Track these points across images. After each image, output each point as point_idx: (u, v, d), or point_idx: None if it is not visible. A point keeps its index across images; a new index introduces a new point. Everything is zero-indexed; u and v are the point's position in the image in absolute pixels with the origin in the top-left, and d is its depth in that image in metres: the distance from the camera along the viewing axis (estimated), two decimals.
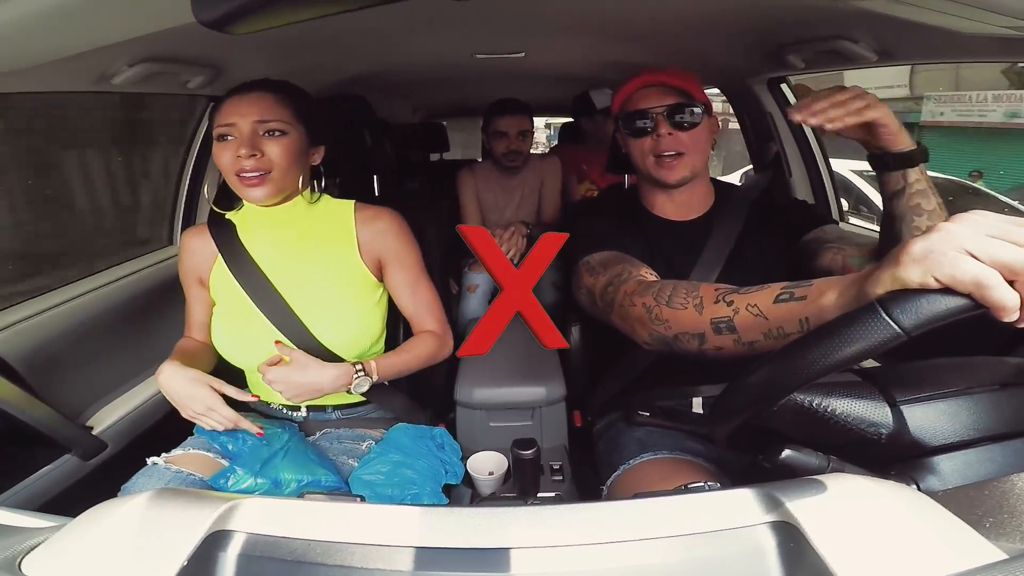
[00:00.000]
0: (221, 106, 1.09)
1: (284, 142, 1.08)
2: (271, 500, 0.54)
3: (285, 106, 1.09)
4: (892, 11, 0.91)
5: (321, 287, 1.16)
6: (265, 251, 1.17)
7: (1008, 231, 0.46)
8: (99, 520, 0.50)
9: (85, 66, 1.10)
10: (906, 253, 0.49)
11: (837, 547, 0.42)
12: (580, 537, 0.46)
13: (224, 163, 1.08)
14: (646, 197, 1.26)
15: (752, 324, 0.70)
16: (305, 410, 1.23)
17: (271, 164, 1.07)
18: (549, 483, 1.19)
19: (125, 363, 1.50)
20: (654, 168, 1.15)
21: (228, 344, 1.17)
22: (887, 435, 0.60)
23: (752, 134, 2.09)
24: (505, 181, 2.45)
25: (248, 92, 1.09)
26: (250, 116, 1.06)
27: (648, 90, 1.14)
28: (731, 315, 0.73)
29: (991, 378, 0.64)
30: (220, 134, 1.08)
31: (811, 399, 0.60)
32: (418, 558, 0.44)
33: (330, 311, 1.15)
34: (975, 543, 0.43)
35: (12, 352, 1.17)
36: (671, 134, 1.12)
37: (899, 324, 0.47)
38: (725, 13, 1.30)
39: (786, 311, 0.66)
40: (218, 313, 1.19)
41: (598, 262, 1.07)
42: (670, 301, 0.82)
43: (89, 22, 0.83)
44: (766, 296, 0.69)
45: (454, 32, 1.52)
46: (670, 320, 0.82)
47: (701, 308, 0.77)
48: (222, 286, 1.18)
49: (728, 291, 0.75)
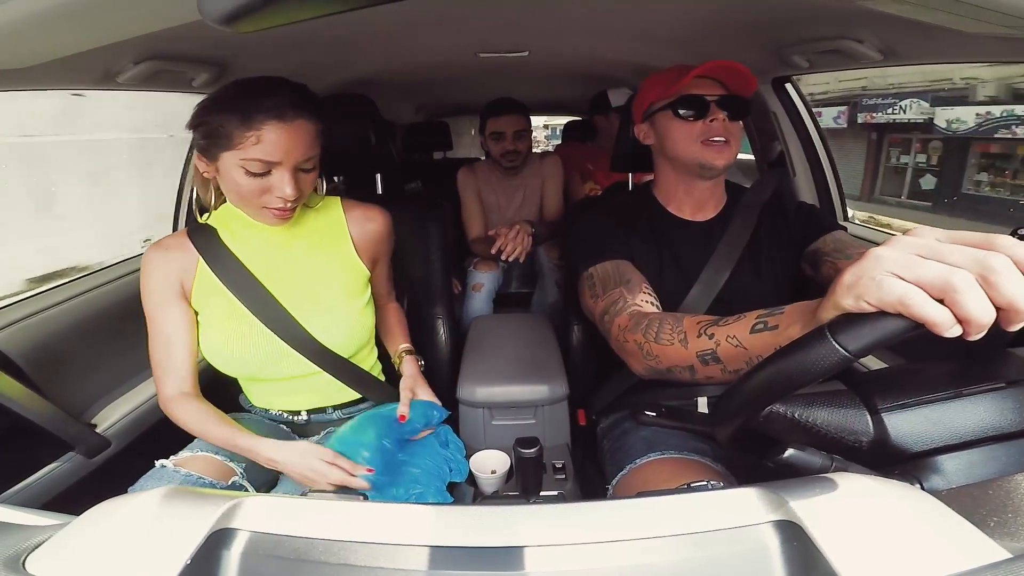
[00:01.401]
0: (250, 131, 0.94)
1: (314, 174, 1.05)
2: (274, 498, 0.54)
3: (319, 135, 1.02)
4: (897, 11, 0.91)
5: (315, 286, 1.15)
6: (252, 253, 1.13)
7: (936, 250, 0.48)
8: (103, 518, 0.50)
9: (90, 64, 1.10)
10: (840, 282, 0.53)
11: (841, 546, 0.42)
12: (583, 535, 0.46)
13: (249, 192, 0.99)
14: (664, 193, 1.26)
15: (734, 354, 0.75)
16: (306, 414, 1.23)
17: (300, 196, 1.02)
18: (552, 482, 1.19)
19: (129, 360, 1.50)
20: (700, 152, 1.15)
21: (221, 354, 1.11)
22: (867, 443, 0.61)
23: (756, 134, 2.09)
24: (506, 181, 2.44)
25: (292, 121, 0.96)
26: (295, 156, 0.97)
27: (700, 80, 1.15)
28: (714, 347, 0.78)
29: (991, 378, 0.63)
30: (258, 171, 0.96)
31: (793, 410, 0.61)
32: (421, 556, 0.44)
33: (327, 310, 1.14)
34: (979, 542, 0.43)
35: (16, 349, 1.17)
36: (724, 120, 1.14)
37: (845, 348, 0.49)
38: (729, 12, 1.30)
39: (762, 341, 0.71)
40: (205, 323, 1.12)
41: (600, 279, 1.10)
42: (658, 337, 0.87)
43: (95, 20, 0.83)
44: (743, 327, 0.74)
45: (458, 31, 1.52)
46: (660, 356, 0.87)
47: (686, 343, 0.82)
48: (208, 294, 1.11)
49: (709, 323, 0.80)
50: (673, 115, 1.16)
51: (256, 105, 0.93)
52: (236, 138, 0.94)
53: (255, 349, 1.10)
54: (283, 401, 1.22)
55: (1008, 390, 0.61)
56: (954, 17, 0.87)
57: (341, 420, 1.25)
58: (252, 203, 1.01)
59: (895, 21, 1.02)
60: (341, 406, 1.25)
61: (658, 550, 0.44)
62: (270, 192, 0.99)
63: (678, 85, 1.15)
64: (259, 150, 0.94)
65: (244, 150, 0.94)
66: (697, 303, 1.16)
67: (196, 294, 1.11)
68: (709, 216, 1.25)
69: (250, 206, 1.03)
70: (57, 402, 1.20)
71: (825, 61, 1.46)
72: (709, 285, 1.16)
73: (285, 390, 1.20)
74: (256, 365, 1.12)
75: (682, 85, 1.15)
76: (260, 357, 1.10)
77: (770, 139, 2.00)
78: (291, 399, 1.22)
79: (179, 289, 1.10)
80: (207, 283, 1.11)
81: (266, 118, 0.93)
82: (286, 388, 1.19)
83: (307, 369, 1.15)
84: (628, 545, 0.44)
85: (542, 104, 3.50)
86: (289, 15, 0.48)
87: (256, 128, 0.93)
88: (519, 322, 1.54)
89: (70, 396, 1.30)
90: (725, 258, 1.18)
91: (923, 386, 0.63)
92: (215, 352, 1.11)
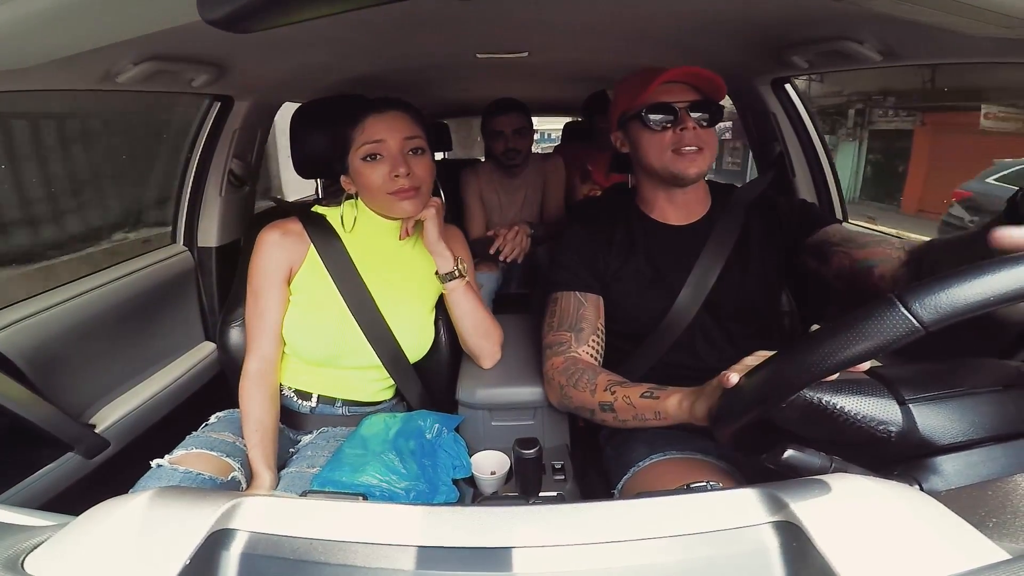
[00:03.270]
0: (356, 126, 1.15)
1: (427, 160, 1.18)
2: (273, 499, 0.54)
3: (419, 123, 1.18)
4: (896, 11, 0.91)
5: (405, 297, 1.25)
6: (362, 255, 1.23)
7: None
8: (102, 519, 0.50)
9: (90, 65, 1.10)
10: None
11: (840, 547, 0.42)
12: (582, 536, 0.46)
13: (375, 182, 1.14)
14: (646, 199, 1.25)
15: (624, 408, 1.00)
16: (316, 399, 1.25)
17: (420, 181, 1.15)
18: (551, 482, 1.19)
19: (128, 361, 1.51)
20: (672, 162, 1.13)
21: (305, 335, 1.19)
22: (896, 433, 0.60)
23: (756, 134, 2.09)
24: (508, 181, 2.45)
25: (386, 110, 1.16)
26: (398, 132, 1.14)
27: (670, 85, 1.13)
28: (612, 401, 1.02)
29: (993, 379, 0.63)
30: (370, 152, 1.14)
31: (820, 396, 0.60)
32: (420, 557, 0.44)
33: (411, 317, 1.25)
34: (978, 543, 0.43)
35: (15, 350, 1.17)
36: (695, 129, 1.11)
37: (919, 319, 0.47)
38: (729, 13, 1.29)
39: (647, 404, 0.96)
40: (299, 304, 1.20)
41: (560, 311, 1.19)
42: (576, 384, 1.08)
43: (95, 21, 0.83)
44: (636, 391, 0.99)
45: (457, 32, 1.52)
46: (573, 397, 1.09)
47: (594, 393, 1.05)
48: (312, 281, 1.20)
49: (615, 383, 1.03)
50: (642, 124, 1.14)
51: (357, 106, 1.18)
52: (350, 137, 1.16)
53: (337, 335, 1.19)
54: (306, 382, 1.26)
55: (1006, 393, 0.62)
56: (954, 17, 0.87)
57: (343, 418, 1.27)
58: (381, 192, 1.15)
59: (895, 21, 1.02)
60: (349, 403, 1.27)
61: (657, 551, 0.44)
62: (388, 175, 1.13)
63: (646, 93, 1.12)
64: (365, 136, 1.14)
65: (356, 142, 1.15)
66: (688, 305, 1.17)
67: (300, 278, 1.21)
68: (695, 219, 1.24)
69: (380, 197, 1.16)
70: (56, 403, 1.20)
71: (825, 61, 1.46)
72: (698, 287, 1.17)
73: (328, 376, 1.25)
74: (331, 349, 1.19)
75: (649, 92, 1.12)
76: (339, 343, 1.19)
77: (769, 140, 2.00)
78: (317, 382, 1.25)
79: (286, 273, 1.21)
80: (314, 270, 1.21)
81: (364, 114, 1.16)
82: (330, 374, 1.24)
83: (370, 362, 1.22)
84: (627, 546, 0.44)
85: (542, 104, 3.50)
86: (289, 16, 0.48)
87: (360, 123, 1.15)
88: (519, 323, 1.53)
89: (69, 397, 1.30)
90: (713, 259, 1.17)
91: (945, 381, 0.62)
92: (300, 333, 1.19)
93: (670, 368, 1.18)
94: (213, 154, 1.82)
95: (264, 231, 1.21)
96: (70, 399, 1.30)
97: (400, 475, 1.05)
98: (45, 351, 1.24)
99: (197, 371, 1.75)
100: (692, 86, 1.13)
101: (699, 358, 1.19)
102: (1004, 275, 0.45)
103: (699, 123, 1.12)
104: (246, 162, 1.92)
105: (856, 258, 1.06)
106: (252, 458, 1.10)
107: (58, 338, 1.28)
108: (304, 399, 1.26)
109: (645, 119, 1.13)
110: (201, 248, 1.87)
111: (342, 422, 1.26)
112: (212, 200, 1.87)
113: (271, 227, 1.21)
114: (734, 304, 1.18)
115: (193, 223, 1.86)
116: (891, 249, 1.02)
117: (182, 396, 1.67)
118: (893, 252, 1.01)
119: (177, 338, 1.76)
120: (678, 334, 1.17)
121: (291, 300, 1.21)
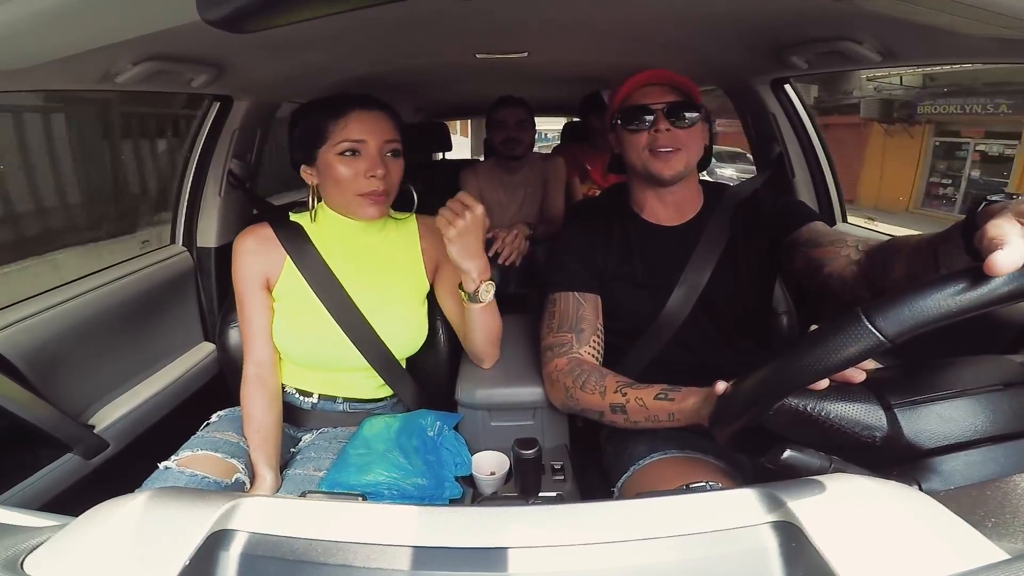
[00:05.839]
0: (339, 120, 1.12)
1: (401, 163, 1.17)
2: (273, 500, 0.54)
3: (398, 126, 1.17)
4: (896, 12, 0.91)
5: (389, 296, 1.23)
6: (338, 258, 1.21)
7: None
8: (101, 519, 0.50)
9: (89, 65, 1.10)
10: None
11: (839, 547, 0.42)
12: (581, 537, 0.46)
13: (346, 178, 1.12)
14: (636, 199, 1.27)
15: (637, 410, 0.99)
16: (317, 397, 1.26)
17: (391, 185, 1.15)
18: (551, 483, 1.19)
19: (127, 362, 1.50)
20: (649, 162, 1.16)
21: (292, 342, 1.19)
22: (881, 438, 0.61)
23: (755, 135, 2.08)
24: (508, 180, 2.45)
25: (371, 109, 1.14)
26: (380, 135, 1.12)
27: (649, 88, 1.16)
28: (624, 403, 1.01)
29: (992, 378, 0.63)
30: (348, 148, 1.11)
31: (806, 403, 0.61)
32: (420, 557, 0.44)
33: (395, 317, 1.23)
34: (977, 543, 0.43)
35: (14, 350, 1.17)
36: (669, 130, 1.14)
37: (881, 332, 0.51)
38: (728, 14, 1.30)
39: (661, 406, 0.96)
40: (282, 312, 1.20)
41: (559, 312, 1.19)
42: (583, 386, 1.07)
43: (94, 21, 0.83)
44: (649, 393, 0.98)
45: (456, 32, 1.52)
46: (580, 399, 1.08)
47: (604, 395, 1.04)
48: (291, 289, 1.19)
49: (624, 385, 1.02)
50: (622, 126, 1.18)
51: (343, 101, 1.14)
52: (329, 130, 1.12)
53: (323, 342, 1.18)
54: (306, 382, 1.26)
55: (1005, 392, 0.62)
56: (953, 18, 0.87)
57: (345, 414, 1.27)
58: (349, 191, 1.13)
59: (894, 22, 1.02)
60: (351, 400, 1.27)
61: (656, 551, 0.44)
62: (363, 174, 1.11)
63: (626, 95, 1.16)
64: (347, 133, 1.11)
65: (335, 136, 1.11)
66: (681, 304, 1.18)
67: (280, 286, 1.20)
68: (687, 219, 1.25)
69: (347, 196, 1.14)
70: (55, 403, 1.20)
71: (824, 62, 1.46)
72: (691, 287, 1.18)
73: (324, 377, 1.25)
74: (319, 356, 1.20)
75: (629, 95, 1.16)
76: (326, 350, 1.18)
77: (769, 140, 2.00)
78: (315, 382, 1.25)
79: (263, 280, 1.20)
80: (291, 279, 1.20)
81: (350, 109, 1.12)
82: (326, 376, 1.25)
83: (359, 364, 1.21)
84: (627, 546, 0.45)
85: (541, 105, 3.51)
86: (288, 16, 0.48)
87: (344, 116, 1.11)
88: (517, 323, 1.53)
89: (68, 397, 1.30)
90: (705, 259, 1.19)
91: (934, 384, 0.63)
92: (289, 341, 1.19)
93: (666, 364, 1.20)
94: (212, 154, 1.82)
95: (239, 238, 1.21)
96: (69, 399, 1.29)
97: (407, 471, 1.05)
98: (44, 351, 1.24)
99: (196, 371, 1.74)
100: (672, 87, 1.16)
101: (695, 354, 1.20)
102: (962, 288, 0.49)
103: (674, 124, 1.14)
104: (245, 162, 1.92)
105: (811, 257, 1.09)
106: (254, 460, 1.10)
107: (57, 338, 1.28)
108: (306, 396, 1.26)
109: (624, 121, 1.17)
110: (200, 248, 1.86)
111: (343, 419, 1.27)
112: (211, 200, 1.86)
113: (245, 234, 1.21)
114: (727, 303, 1.20)
115: (192, 223, 1.86)
116: (843, 248, 1.04)
117: (181, 397, 1.66)
118: (844, 251, 1.04)
119: (176, 338, 1.76)
120: (673, 332, 1.19)
121: (275, 308, 1.21)
